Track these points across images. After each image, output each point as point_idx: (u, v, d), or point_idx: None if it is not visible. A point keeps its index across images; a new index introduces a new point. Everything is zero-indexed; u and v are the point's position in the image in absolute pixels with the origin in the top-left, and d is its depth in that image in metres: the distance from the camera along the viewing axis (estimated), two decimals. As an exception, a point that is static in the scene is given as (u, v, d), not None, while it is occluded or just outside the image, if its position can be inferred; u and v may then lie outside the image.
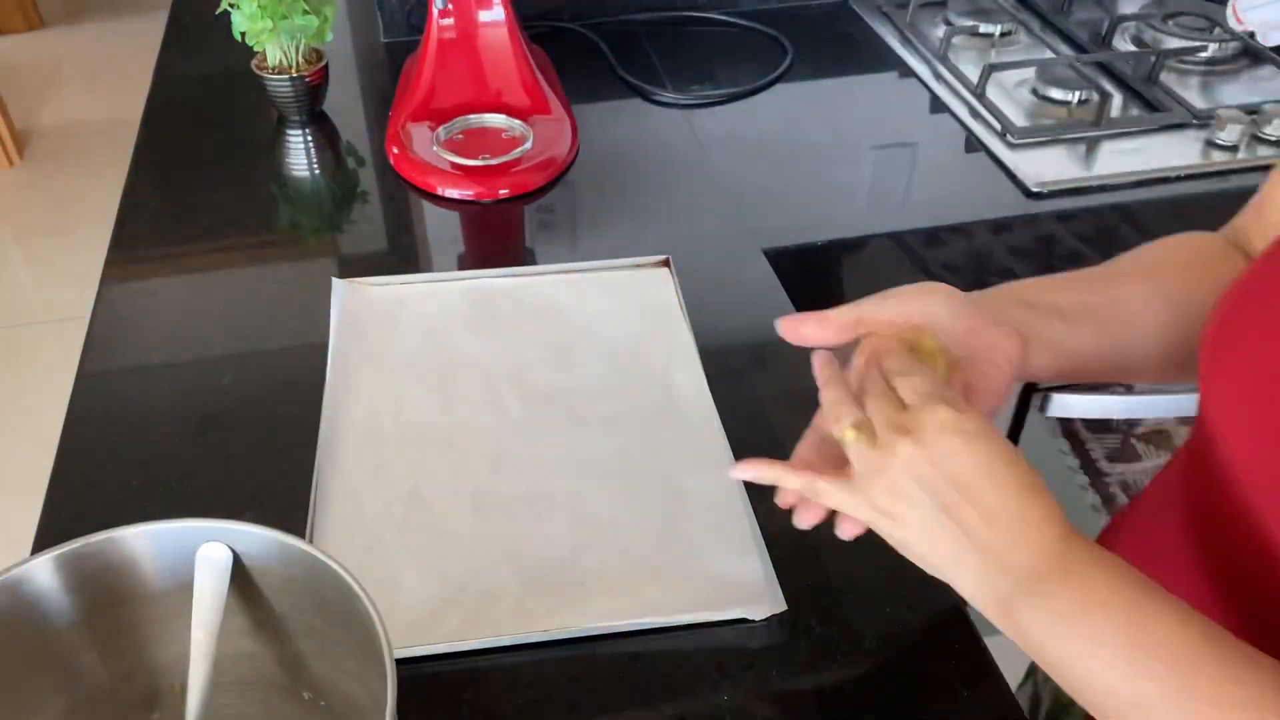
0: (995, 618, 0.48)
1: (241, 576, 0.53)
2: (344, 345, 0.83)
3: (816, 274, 1.00)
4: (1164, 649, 0.43)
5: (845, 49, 1.30)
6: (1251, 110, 1.12)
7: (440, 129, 1.05)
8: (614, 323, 0.86)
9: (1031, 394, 1.09)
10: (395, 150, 1.04)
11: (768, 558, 0.68)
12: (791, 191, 1.05)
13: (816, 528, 0.71)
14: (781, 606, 0.65)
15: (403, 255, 0.95)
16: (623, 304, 0.88)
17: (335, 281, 0.88)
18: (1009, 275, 0.89)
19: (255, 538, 0.52)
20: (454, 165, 1.01)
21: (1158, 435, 1.18)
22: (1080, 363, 0.57)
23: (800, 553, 0.68)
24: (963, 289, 0.59)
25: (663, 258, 0.92)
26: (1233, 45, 1.26)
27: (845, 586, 0.67)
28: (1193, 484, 0.56)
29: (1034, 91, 1.19)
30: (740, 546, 0.68)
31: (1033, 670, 0.80)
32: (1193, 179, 1.06)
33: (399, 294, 0.89)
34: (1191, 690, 0.43)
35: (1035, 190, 1.04)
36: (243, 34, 1.04)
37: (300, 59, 1.08)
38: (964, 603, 0.68)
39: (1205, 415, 0.52)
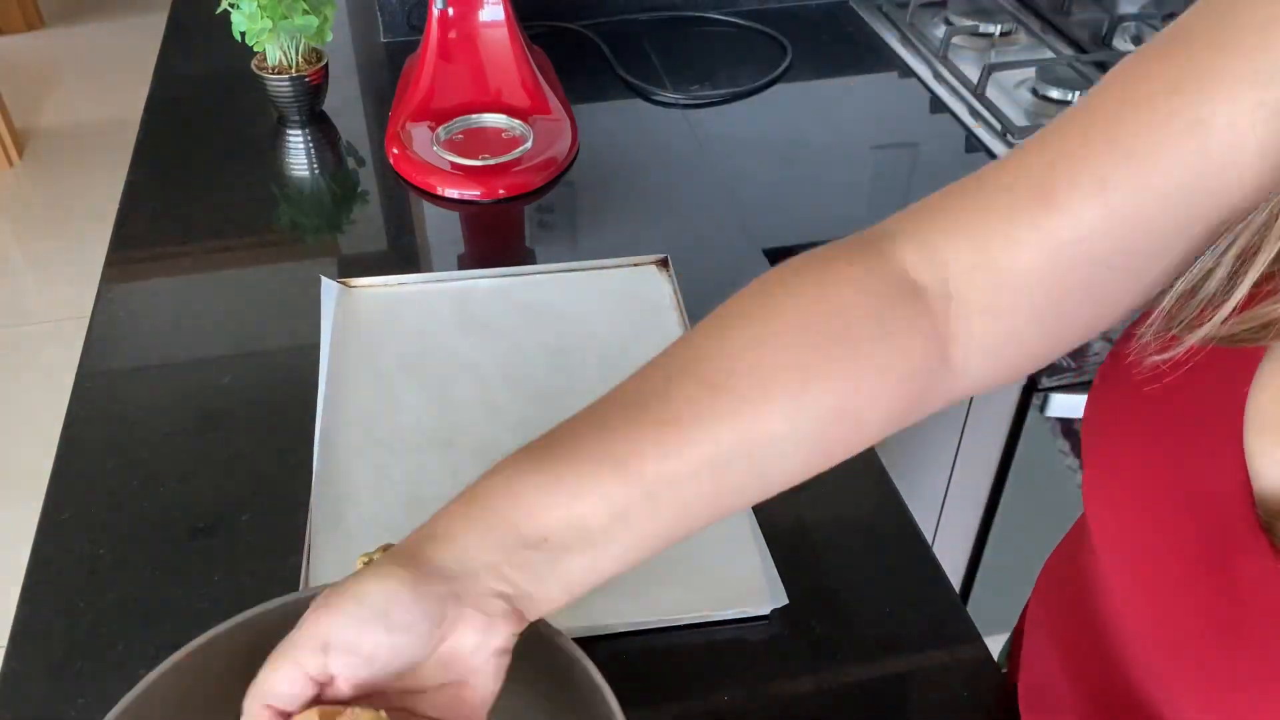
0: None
1: None
2: (338, 346, 0.83)
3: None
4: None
5: (845, 49, 1.30)
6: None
7: (440, 129, 1.05)
8: (610, 322, 0.86)
9: (1032, 394, 1.08)
10: (395, 150, 1.04)
11: (768, 553, 0.68)
12: (791, 191, 1.05)
13: (816, 525, 0.71)
14: (783, 600, 0.65)
15: (402, 255, 0.95)
16: (619, 303, 0.87)
17: (325, 281, 0.88)
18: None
19: None
20: (454, 165, 1.01)
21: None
22: (631, 562, 0.47)
23: (800, 553, 0.68)
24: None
25: (659, 257, 0.92)
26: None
27: (845, 586, 0.67)
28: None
29: (1034, 91, 1.19)
30: (740, 544, 0.68)
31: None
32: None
33: (392, 294, 0.89)
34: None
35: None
36: (243, 34, 1.04)
37: (300, 59, 1.08)
38: (963, 600, 0.68)
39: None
